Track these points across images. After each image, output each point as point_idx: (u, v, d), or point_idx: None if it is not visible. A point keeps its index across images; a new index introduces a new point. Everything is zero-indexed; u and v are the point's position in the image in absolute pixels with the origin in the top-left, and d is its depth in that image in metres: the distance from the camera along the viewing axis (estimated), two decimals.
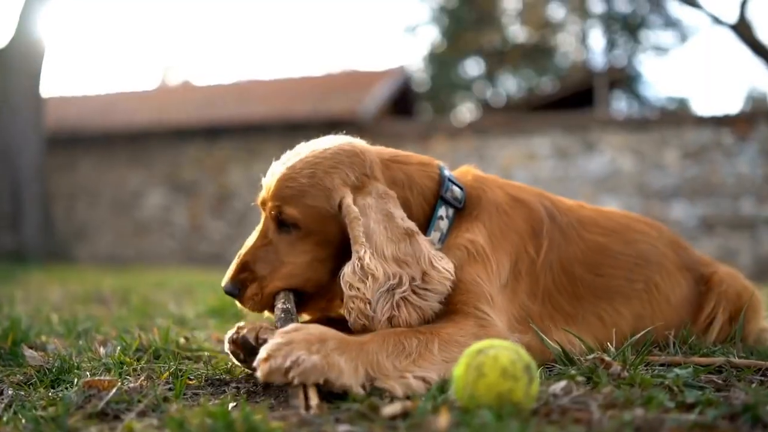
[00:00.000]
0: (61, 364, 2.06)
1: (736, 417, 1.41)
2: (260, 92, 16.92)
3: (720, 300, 2.42)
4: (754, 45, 12.95)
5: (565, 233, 2.24)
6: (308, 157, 1.99)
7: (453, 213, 2.11)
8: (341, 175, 1.95)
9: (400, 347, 1.68)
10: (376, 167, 2.02)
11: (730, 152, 11.85)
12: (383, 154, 2.11)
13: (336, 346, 1.59)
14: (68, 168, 15.85)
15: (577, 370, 1.83)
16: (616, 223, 2.41)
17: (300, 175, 1.95)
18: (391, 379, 1.60)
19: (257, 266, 1.99)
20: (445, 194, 2.10)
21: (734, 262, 11.23)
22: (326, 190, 1.93)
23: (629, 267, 2.32)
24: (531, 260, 2.12)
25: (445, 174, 2.15)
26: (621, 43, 29.19)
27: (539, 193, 2.34)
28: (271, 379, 1.52)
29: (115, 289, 6.02)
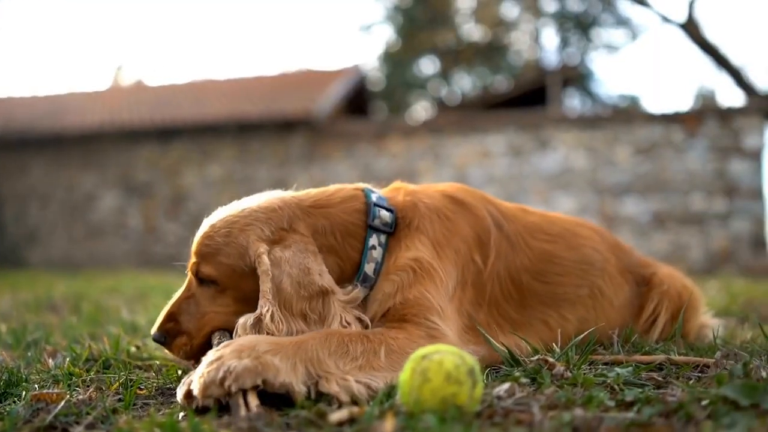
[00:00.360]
0: (8, 377, 2.03)
1: (671, 414, 1.46)
2: (214, 92, 16.78)
3: (662, 300, 2.49)
4: (702, 43, 13.29)
5: (512, 242, 2.26)
6: (228, 216, 2.01)
7: (386, 238, 2.08)
8: (256, 231, 1.95)
9: (344, 349, 1.69)
10: (296, 219, 2.01)
11: (680, 148, 12.12)
12: (304, 202, 2.07)
13: (268, 348, 1.60)
14: (18, 170, 15.51)
15: (522, 372, 1.87)
16: (562, 229, 2.44)
17: (217, 234, 1.98)
18: (334, 380, 1.61)
19: (182, 318, 2.05)
20: (373, 222, 2.07)
21: (685, 257, 11.51)
22: (241, 248, 1.94)
23: (575, 273, 2.36)
24: (477, 270, 2.14)
25: (371, 200, 2.11)
26: (573, 42, 29.58)
27: (482, 196, 2.34)
28: (208, 393, 1.53)
29: (67, 295, 5.92)
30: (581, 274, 2.37)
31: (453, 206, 2.19)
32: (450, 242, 2.09)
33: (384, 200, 2.14)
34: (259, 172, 14.24)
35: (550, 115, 13.47)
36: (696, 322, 2.59)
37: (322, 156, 13.98)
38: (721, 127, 11.97)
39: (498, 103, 17.47)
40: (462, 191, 2.29)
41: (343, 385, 1.61)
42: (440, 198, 2.20)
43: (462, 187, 2.34)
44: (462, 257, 2.10)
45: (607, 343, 2.36)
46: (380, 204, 2.11)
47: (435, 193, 2.23)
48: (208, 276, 2.00)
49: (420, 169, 13.35)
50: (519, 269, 2.24)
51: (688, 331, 2.54)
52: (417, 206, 2.13)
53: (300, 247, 1.93)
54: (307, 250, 1.94)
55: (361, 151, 13.82)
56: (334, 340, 1.70)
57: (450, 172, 13.15)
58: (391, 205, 2.14)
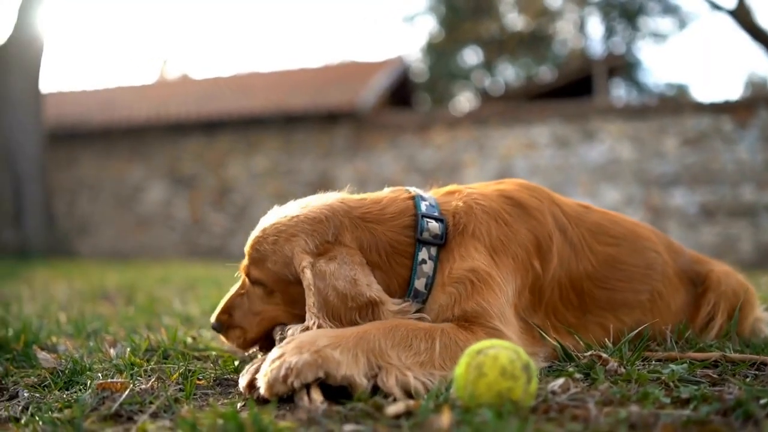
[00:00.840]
0: (73, 366, 2.11)
1: (728, 412, 1.45)
2: (259, 85, 16.94)
3: (719, 300, 2.43)
4: (753, 30, 12.94)
5: (575, 247, 2.20)
6: (277, 222, 2.02)
7: (436, 250, 2.01)
8: (300, 243, 1.94)
9: (408, 342, 1.70)
10: (343, 230, 1.98)
11: (729, 139, 11.88)
12: (354, 212, 2.03)
13: (328, 342, 1.63)
14: (69, 163, 15.90)
15: (575, 368, 1.88)
16: (625, 230, 2.38)
17: (266, 240, 2.00)
18: (393, 373, 1.62)
19: (236, 312, 2.14)
20: (422, 236, 1.99)
21: (735, 250, 11.29)
22: (286, 258, 1.95)
23: (637, 278, 2.31)
24: (536, 276, 2.08)
25: (420, 210, 2.03)
26: (619, 30, 29.09)
27: (546, 195, 2.25)
28: (274, 391, 1.57)
29: (120, 285, 6.07)
30: (643, 279, 2.32)
31: (512, 209, 2.11)
32: (508, 248, 2.03)
33: (435, 208, 2.07)
34: (303, 164, 14.34)
35: (595, 105, 13.30)
36: (752, 318, 2.54)
37: (367, 148, 14.02)
38: None
39: (542, 94, 17.30)
40: (522, 190, 2.21)
41: (401, 380, 1.62)
42: (498, 199, 2.12)
43: (523, 185, 2.25)
44: (520, 263, 2.04)
45: (660, 340, 2.34)
46: (430, 214, 2.03)
47: (492, 193, 2.14)
48: (257, 279, 2.05)
49: (464, 161, 13.31)
50: (581, 276, 2.20)
51: (744, 328, 2.50)
52: (472, 209, 2.06)
53: (346, 260, 1.91)
54: (353, 261, 1.92)
55: (405, 143, 13.82)
56: (399, 333, 1.72)
57: (494, 164, 13.09)
58: (443, 213, 2.07)
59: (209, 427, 1.38)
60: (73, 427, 1.48)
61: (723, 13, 13.09)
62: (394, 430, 1.38)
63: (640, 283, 2.32)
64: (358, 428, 1.39)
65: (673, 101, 15.03)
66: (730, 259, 10.32)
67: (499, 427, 1.30)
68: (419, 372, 1.66)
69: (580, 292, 2.20)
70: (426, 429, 1.35)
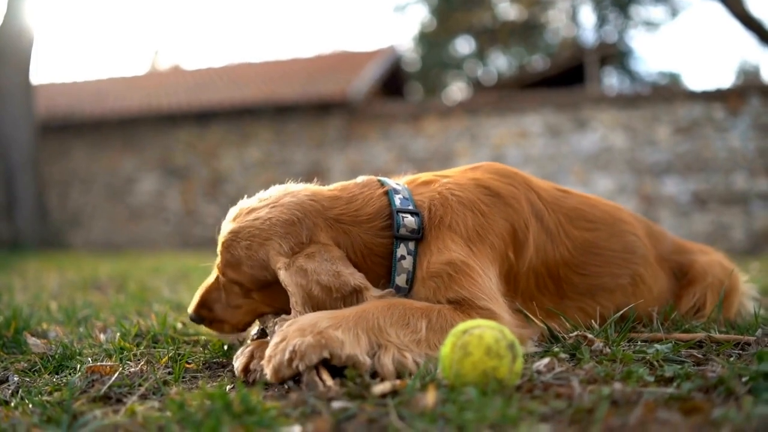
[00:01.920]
0: (63, 350, 2.13)
1: (710, 390, 1.47)
2: (250, 75, 16.90)
3: (705, 293, 2.44)
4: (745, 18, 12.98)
5: (552, 235, 2.19)
6: (248, 226, 1.97)
7: (414, 245, 2.00)
8: (275, 246, 1.91)
9: (405, 321, 1.72)
10: (318, 231, 1.96)
11: (721, 127, 11.90)
12: (328, 213, 2.00)
13: (329, 324, 1.64)
14: (61, 155, 15.84)
15: (561, 348, 1.90)
16: (603, 214, 2.37)
17: (239, 245, 1.96)
18: (391, 351, 1.64)
19: (215, 306, 2.11)
20: (399, 232, 1.98)
21: (727, 237, 11.33)
22: (261, 262, 1.93)
23: (616, 262, 2.31)
24: (510, 265, 2.08)
25: (395, 206, 2.01)
26: (611, 19, 29.06)
27: (521, 180, 2.22)
28: (280, 375, 1.58)
29: (112, 275, 6.07)
30: (622, 263, 2.32)
31: (488, 198, 2.09)
32: (485, 238, 2.01)
33: (409, 201, 2.05)
34: (296, 154, 14.33)
35: (587, 94, 13.30)
36: (737, 301, 2.56)
37: (359, 137, 14.01)
38: (764, 105, 11.72)
39: (535, 83, 17.31)
40: (499, 177, 2.18)
41: (398, 359, 1.63)
42: (474, 189, 2.10)
43: (499, 170, 2.22)
44: (497, 253, 2.03)
45: (646, 322, 2.36)
46: (404, 209, 2.01)
47: (468, 183, 2.12)
48: (234, 280, 2.02)
49: (457, 150, 13.31)
50: (558, 263, 2.19)
51: (731, 312, 2.52)
52: (448, 201, 2.04)
53: (325, 256, 1.89)
54: (333, 256, 1.90)
55: (397, 133, 13.81)
56: (397, 311, 1.73)
57: (487, 153, 13.09)
58: (418, 205, 2.05)
59: (197, 408, 1.40)
60: (63, 409, 1.49)
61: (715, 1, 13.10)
62: (380, 408, 1.39)
63: (619, 267, 2.31)
64: (345, 406, 1.41)
65: (665, 90, 15.06)
66: (723, 246, 10.30)
67: (484, 404, 1.32)
68: (416, 351, 1.68)
69: (557, 278, 2.20)
70: (411, 407, 1.37)
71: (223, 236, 2.02)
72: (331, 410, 1.39)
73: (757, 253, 10.56)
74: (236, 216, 2.03)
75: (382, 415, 1.35)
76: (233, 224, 2.01)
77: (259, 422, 1.30)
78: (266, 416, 1.33)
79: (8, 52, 12.42)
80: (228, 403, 1.36)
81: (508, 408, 1.31)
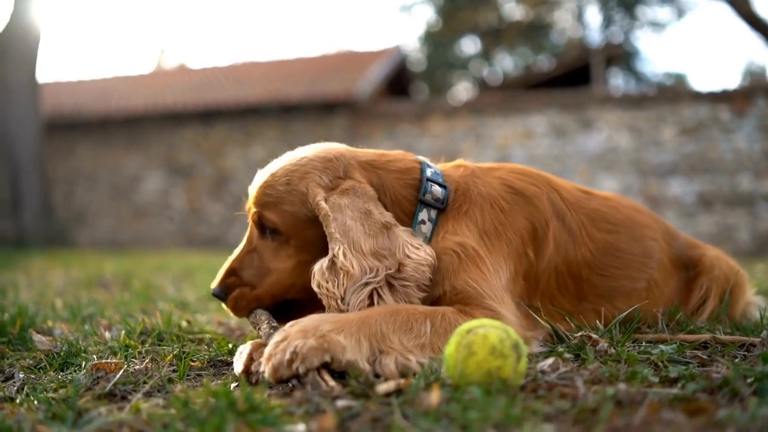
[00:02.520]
0: (68, 348, 2.13)
1: (715, 391, 1.47)
2: (256, 74, 16.91)
3: (711, 285, 2.44)
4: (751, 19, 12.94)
5: (573, 234, 2.22)
6: (286, 165, 2.03)
7: (436, 214, 2.06)
8: (314, 178, 1.98)
9: (408, 326, 1.71)
10: (353, 169, 2.03)
11: (727, 128, 11.88)
12: (360, 157, 2.09)
13: (332, 327, 1.63)
14: (66, 153, 15.88)
15: (566, 348, 1.90)
16: (624, 216, 2.39)
17: (278, 182, 2.00)
18: (393, 356, 1.63)
19: (244, 272, 2.06)
20: (424, 197, 2.05)
21: (732, 239, 11.31)
22: (302, 195, 1.97)
23: (635, 266, 2.32)
24: (530, 263, 2.10)
25: (426, 174, 2.09)
26: (617, 20, 29.03)
27: (546, 180, 2.27)
28: (278, 376, 1.56)
29: (117, 273, 6.09)
30: (641, 267, 2.33)
31: (510, 196, 2.13)
32: (501, 234, 2.04)
33: (439, 176, 2.12)
34: None
35: (593, 94, 13.29)
36: (743, 301, 2.56)
37: (364, 137, 14.01)
38: None
39: (540, 83, 17.28)
40: (524, 178, 2.22)
41: (401, 363, 1.63)
42: (498, 186, 2.14)
43: (522, 170, 2.27)
44: (514, 250, 2.05)
45: (651, 322, 2.36)
46: (434, 179, 2.08)
47: (494, 180, 2.16)
48: (272, 223, 2.01)
49: (462, 150, 13.30)
50: (579, 263, 2.21)
51: (735, 310, 2.52)
52: (470, 191, 2.09)
53: (358, 193, 1.96)
54: (366, 194, 1.97)
55: (402, 132, 13.81)
56: (400, 317, 1.72)
57: (492, 153, 13.08)
58: (447, 182, 2.11)
59: (202, 405, 1.40)
60: (68, 405, 1.49)
61: (721, 1, 13.08)
62: (384, 407, 1.39)
63: (638, 272, 2.33)
64: (349, 405, 1.41)
65: (671, 90, 15.04)
66: (728, 248, 10.25)
67: (488, 404, 1.32)
68: (420, 355, 1.67)
69: (577, 278, 2.22)
70: (416, 406, 1.37)
71: (260, 181, 2.05)
72: (335, 409, 1.39)
73: (763, 255, 10.53)
74: (270, 167, 2.09)
75: (386, 414, 1.35)
76: (266, 173, 2.06)
77: (263, 420, 1.30)
78: (270, 414, 1.33)
79: (14, 51, 12.46)
80: (232, 401, 1.37)
81: (512, 407, 1.31)
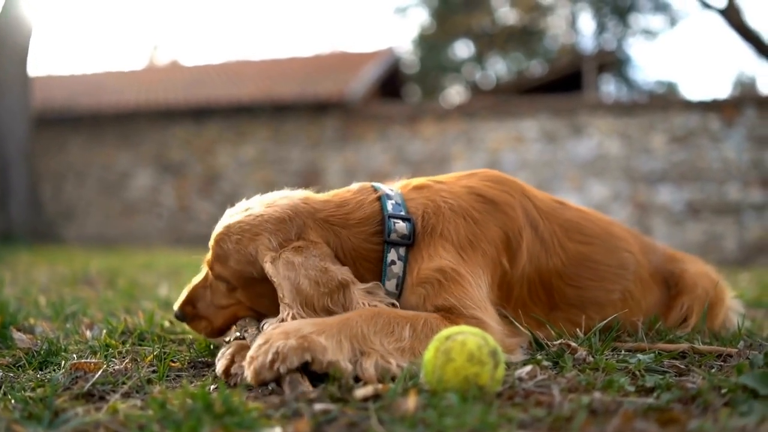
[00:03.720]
0: (48, 346, 2.13)
1: (689, 401, 1.48)
2: (248, 73, 16.90)
3: (693, 304, 2.45)
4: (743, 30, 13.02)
5: (546, 245, 2.19)
6: (241, 220, 2.01)
7: (405, 250, 2.01)
8: (264, 242, 1.95)
9: (389, 329, 1.72)
10: (308, 229, 1.99)
11: (716, 137, 11.95)
12: (318, 214, 2.03)
13: (314, 329, 1.64)
14: (56, 148, 15.80)
15: (544, 355, 1.91)
16: (599, 229, 2.37)
17: (230, 239, 2.00)
18: (374, 358, 1.63)
19: (200, 305, 2.15)
20: (390, 238, 2.00)
21: (719, 248, 11.38)
22: (249, 256, 1.96)
23: (609, 278, 2.31)
24: (504, 272, 2.09)
25: (387, 211, 2.03)
26: (610, 27, 29.18)
27: (520, 188, 2.24)
28: (260, 378, 1.57)
29: (103, 270, 6.06)
30: (615, 279, 2.32)
31: (481, 205, 2.10)
32: (476, 246, 2.02)
33: (401, 207, 2.06)
34: (292, 153, 14.32)
35: (585, 101, 13.33)
36: (722, 314, 2.57)
37: (356, 138, 14.01)
38: (759, 117, 11.77)
39: (532, 88, 17.33)
40: (494, 185, 2.18)
41: (382, 366, 1.63)
42: (467, 196, 2.11)
43: (495, 178, 2.23)
44: (489, 260, 2.03)
45: (631, 332, 2.37)
46: (396, 214, 2.03)
47: (461, 190, 2.13)
48: (220, 275, 2.06)
49: (453, 154, 13.33)
50: (551, 273, 2.20)
51: (716, 324, 2.53)
52: (440, 209, 2.05)
53: (313, 252, 1.92)
54: (322, 253, 1.93)
55: (394, 134, 13.82)
56: (381, 320, 1.73)
57: (483, 157, 13.11)
58: (411, 211, 2.06)
59: (179, 407, 1.40)
60: (45, 405, 1.49)
61: (713, 11, 13.16)
62: (361, 412, 1.40)
63: (612, 283, 2.32)
64: (327, 408, 1.42)
65: (661, 98, 15.11)
66: (715, 257, 10.39)
67: (464, 410, 1.33)
68: (400, 359, 1.67)
69: (549, 288, 2.21)
70: (392, 412, 1.38)
71: (217, 231, 2.06)
72: (312, 412, 1.39)
73: (749, 265, 10.60)
74: (232, 214, 2.08)
75: (363, 419, 1.36)
76: (227, 221, 2.05)
77: (240, 423, 1.30)
78: (247, 417, 1.33)
79: (6, 44, 12.38)
80: (209, 404, 1.37)
81: (487, 414, 1.32)
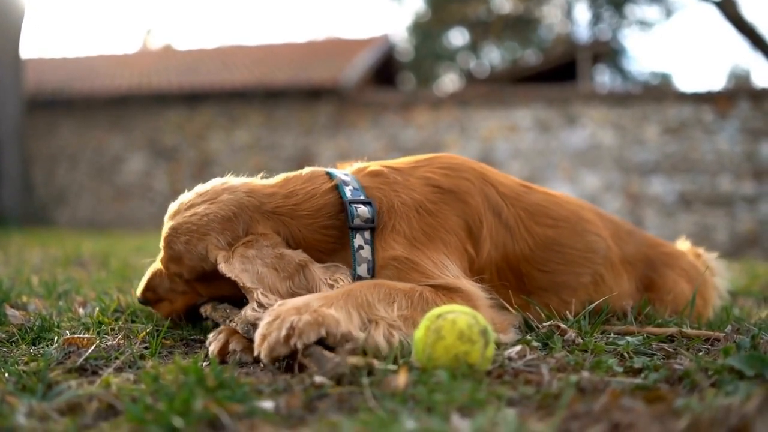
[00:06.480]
0: (41, 323, 2.14)
1: (676, 382, 1.50)
2: (242, 58, 16.84)
3: (671, 307, 2.46)
4: (738, 22, 13.04)
5: (511, 230, 2.17)
6: (187, 220, 2.00)
7: (371, 234, 2.00)
8: (212, 241, 1.96)
9: (391, 298, 1.73)
10: (255, 224, 1.99)
11: (710, 129, 12.00)
12: (264, 206, 2.02)
13: (322, 303, 1.63)
14: (48, 131, 15.73)
15: (534, 336, 1.93)
16: (567, 212, 2.34)
17: (179, 240, 2.00)
18: (382, 327, 1.64)
19: (160, 290, 2.19)
20: (354, 223, 1.98)
21: (710, 239, 11.44)
22: (200, 255, 1.98)
23: (577, 261, 2.30)
24: (471, 259, 2.08)
25: (346, 197, 2.01)
26: (606, 17, 29.17)
27: (480, 174, 2.20)
28: (275, 354, 1.53)
29: (95, 252, 6.06)
30: (584, 262, 2.31)
31: (437, 196, 2.07)
32: (433, 237, 2.00)
33: (360, 192, 2.05)
34: (285, 140, 14.30)
35: (579, 91, 13.35)
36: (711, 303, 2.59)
37: (349, 125, 14.00)
38: (753, 109, 11.82)
39: (527, 77, 17.33)
40: (451, 173, 2.15)
41: (387, 337, 1.64)
42: (422, 188, 2.08)
43: (452, 165, 2.18)
44: (453, 248, 2.02)
45: (620, 315, 2.39)
46: (356, 199, 2.01)
47: (416, 182, 2.10)
48: (176, 273, 2.08)
49: (446, 142, 13.34)
50: (518, 258, 2.18)
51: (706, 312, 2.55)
52: (392, 205, 2.04)
53: (264, 243, 1.93)
54: (273, 242, 1.95)
55: (387, 122, 13.82)
56: (383, 289, 1.74)
57: (476, 145, 13.12)
58: (369, 196, 2.05)
59: (171, 381, 1.41)
60: (38, 378, 1.50)
61: (709, 3, 13.17)
62: (353, 387, 1.41)
63: (581, 266, 2.31)
64: (319, 382, 1.43)
65: (655, 89, 15.14)
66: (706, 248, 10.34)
67: (453, 387, 1.35)
68: (403, 329, 1.68)
69: (518, 273, 2.20)
70: (383, 388, 1.39)
71: (164, 232, 2.06)
72: (303, 387, 1.41)
73: (739, 256, 10.65)
74: (176, 212, 2.06)
75: (354, 394, 1.37)
76: (173, 221, 2.04)
77: (232, 397, 1.32)
78: (239, 391, 1.34)
79: None
80: (202, 377, 1.38)
81: (477, 391, 1.33)
